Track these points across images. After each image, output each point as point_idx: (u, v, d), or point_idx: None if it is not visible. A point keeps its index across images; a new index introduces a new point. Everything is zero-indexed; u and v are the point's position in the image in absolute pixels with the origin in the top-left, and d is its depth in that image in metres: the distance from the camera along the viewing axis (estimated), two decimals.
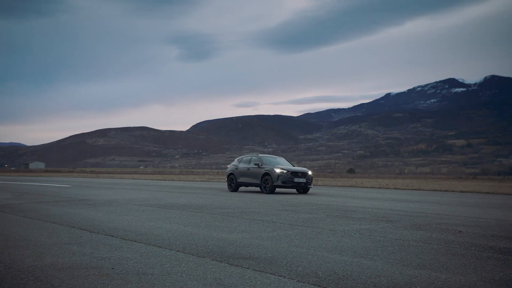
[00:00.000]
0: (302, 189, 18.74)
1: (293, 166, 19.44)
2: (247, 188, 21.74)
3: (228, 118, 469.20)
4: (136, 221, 8.57)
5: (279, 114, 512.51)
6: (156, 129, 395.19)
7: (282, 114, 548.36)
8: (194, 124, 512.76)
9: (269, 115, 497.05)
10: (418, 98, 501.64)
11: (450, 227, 8.34)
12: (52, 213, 9.93)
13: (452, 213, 11.12)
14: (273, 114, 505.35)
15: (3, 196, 15.38)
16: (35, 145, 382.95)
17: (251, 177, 19.15)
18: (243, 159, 20.33)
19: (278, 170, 18.13)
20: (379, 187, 28.91)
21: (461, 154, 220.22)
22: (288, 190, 20.68)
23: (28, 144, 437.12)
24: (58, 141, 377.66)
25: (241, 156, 20.96)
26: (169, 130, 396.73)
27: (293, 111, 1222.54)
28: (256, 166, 18.99)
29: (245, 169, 19.50)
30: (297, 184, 18.22)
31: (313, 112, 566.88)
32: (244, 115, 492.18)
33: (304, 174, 18.46)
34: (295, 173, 18.24)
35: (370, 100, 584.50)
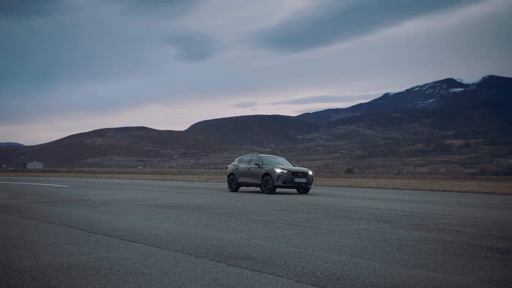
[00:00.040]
0: (303, 189, 18.72)
1: (294, 166, 19.39)
2: (247, 188, 21.70)
3: (227, 118, 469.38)
4: (134, 221, 8.56)
5: (278, 114, 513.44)
6: (155, 129, 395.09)
7: (281, 114, 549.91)
8: (193, 124, 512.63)
9: (268, 115, 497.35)
10: (416, 98, 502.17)
11: (448, 227, 8.35)
12: (50, 213, 9.91)
13: (450, 213, 11.14)
14: (272, 114, 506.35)
15: (1, 196, 15.36)
16: (33, 145, 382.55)
17: (252, 177, 19.10)
18: (244, 159, 20.27)
19: (279, 170, 18.10)
20: (377, 187, 28.93)
21: (459, 154, 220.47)
22: (289, 190, 20.67)
23: (26, 144, 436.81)
24: (56, 141, 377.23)
25: (242, 156, 20.88)
26: (168, 130, 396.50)
27: (292, 111, 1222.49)
28: (257, 166, 18.95)
29: (246, 169, 19.45)
30: (298, 184, 18.19)
31: (312, 112, 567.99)
32: (243, 115, 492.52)
33: (305, 174, 18.43)
34: (296, 173, 18.21)
35: (368, 100, 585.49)
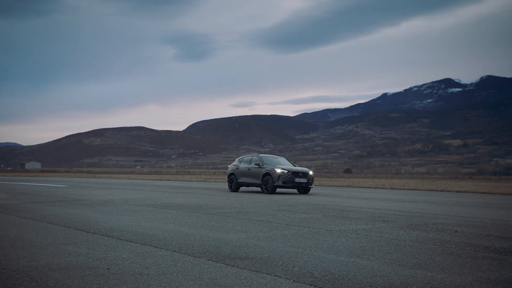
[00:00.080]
0: (303, 189, 18.68)
1: (294, 166, 19.34)
2: (247, 188, 21.67)
3: (225, 118, 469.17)
4: (132, 221, 8.55)
5: (276, 114, 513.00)
6: (153, 129, 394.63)
7: (279, 114, 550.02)
8: (191, 124, 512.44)
9: (266, 115, 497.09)
10: (415, 98, 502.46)
11: (446, 227, 8.36)
12: (48, 213, 9.90)
13: (448, 213, 11.15)
14: (270, 114, 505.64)
15: None
16: (31, 145, 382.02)
17: (252, 177, 19.06)
18: (244, 159, 20.23)
19: (279, 170, 18.07)
20: (376, 187, 28.95)
21: (458, 154, 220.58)
22: (289, 190, 20.66)
23: (24, 144, 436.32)
24: (55, 141, 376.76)
25: (242, 156, 20.82)
26: (166, 130, 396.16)
27: (290, 111, 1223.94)
28: (257, 166, 18.90)
29: (246, 169, 19.39)
30: (298, 184, 18.15)
31: (310, 112, 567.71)
32: (241, 115, 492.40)
33: (305, 174, 18.40)
34: (296, 173, 18.18)
35: (367, 100, 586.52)
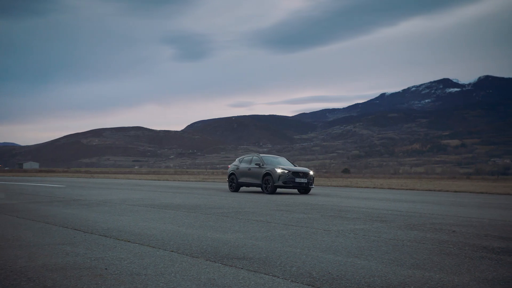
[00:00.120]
0: (304, 190, 18.65)
1: (295, 166, 19.29)
2: (247, 188, 21.65)
3: (223, 118, 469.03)
4: (130, 221, 8.54)
5: (274, 114, 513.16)
6: (151, 129, 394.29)
7: (277, 114, 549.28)
8: (189, 124, 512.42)
9: (264, 115, 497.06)
10: (413, 98, 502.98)
11: (444, 227, 8.37)
12: (46, 213, 9.88)
13: (446, 213, 11.16)
14: (268, 114, 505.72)
15: None
16: (29, 145, 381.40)
17: (252, 177, 19.03)
18: (244, 159, 20.20)
19: (279, 170, 18.04)
20: (374, 187, 28.97)
21: (455, 154, 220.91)
22: (289, 190, 20.65)
23: (22, 144, 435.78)
24: (53, 141, 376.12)
25: (242, 156, 20.79)
26: (164, 130, 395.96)
27: (288, 111, 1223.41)
28: (257, 166, 18.87)
29: (246, 169, 19.36)
30: (299, 184, 18.12)
31: (308, 112, 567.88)
32: (239, 115, 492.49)
33: (306, 174, 18.37)
34: (297, 173, 18.15)
35: (365, 100, 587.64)
